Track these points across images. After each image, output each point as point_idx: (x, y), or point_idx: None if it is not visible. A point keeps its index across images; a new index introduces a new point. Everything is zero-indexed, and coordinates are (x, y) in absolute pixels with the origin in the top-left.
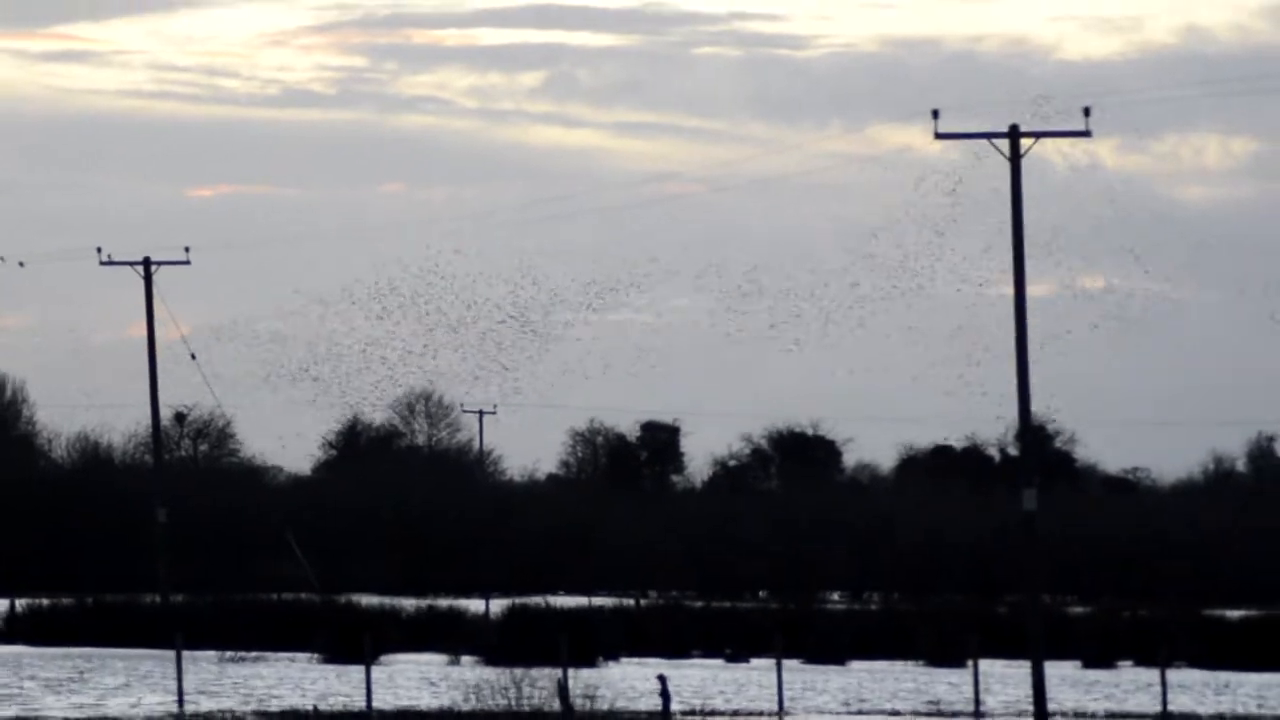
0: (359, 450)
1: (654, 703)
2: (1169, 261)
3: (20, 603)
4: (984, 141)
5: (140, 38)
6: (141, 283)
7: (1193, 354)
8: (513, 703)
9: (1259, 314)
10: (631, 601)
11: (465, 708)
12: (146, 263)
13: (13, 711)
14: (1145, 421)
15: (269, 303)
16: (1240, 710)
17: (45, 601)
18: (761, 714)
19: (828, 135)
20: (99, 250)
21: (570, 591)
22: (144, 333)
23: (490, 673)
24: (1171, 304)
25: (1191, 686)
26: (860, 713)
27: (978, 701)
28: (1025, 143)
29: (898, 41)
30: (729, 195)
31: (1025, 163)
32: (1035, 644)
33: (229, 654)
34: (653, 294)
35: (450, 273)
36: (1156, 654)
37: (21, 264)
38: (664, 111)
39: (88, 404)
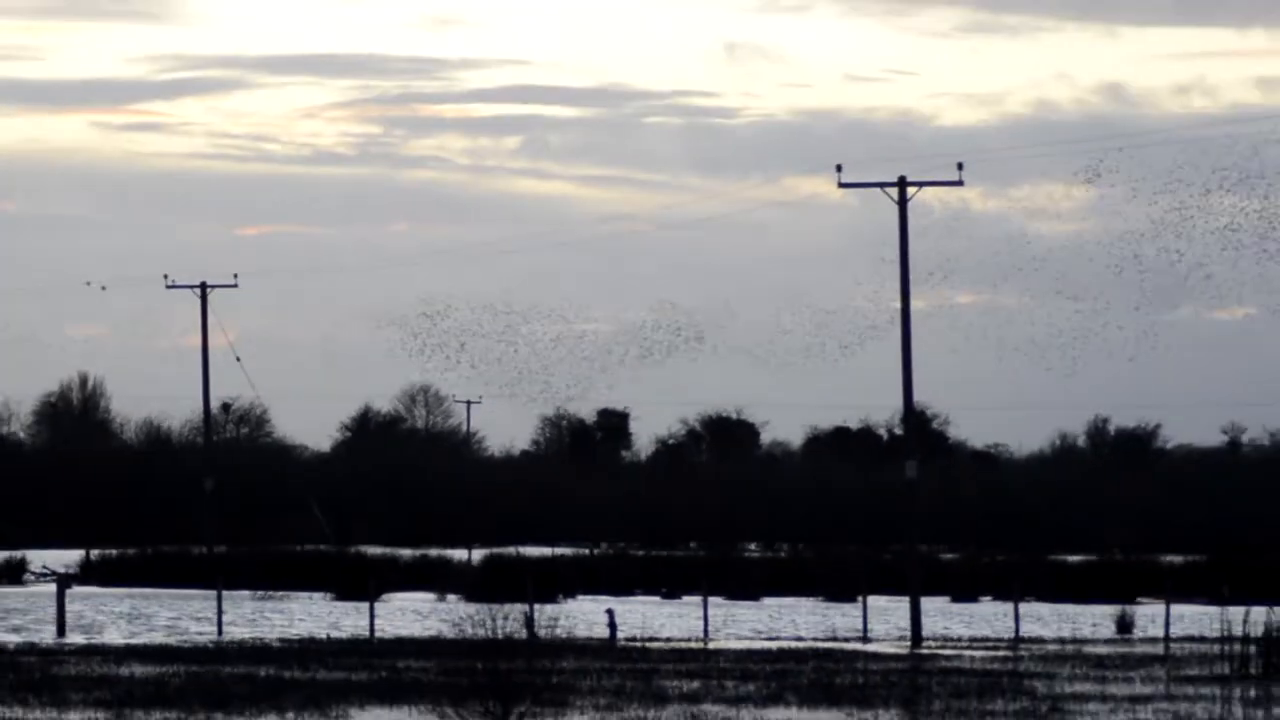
0: (370, 432)
1: (604, 632)
2: (1024, 280)
3: (94, 553)
4: (877, 189)
5: (201, 112)
6: (199, 302)
7: (1043, 352)
8: (489, 632)
9: (1096, 322)
10: (587, 551)
11: (450, 635)
12: (203, 286)
13: (86, 639)
14: (1005, 406)
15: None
16: (1079, 635)
17: (114, 552)
18: (690, 640)
19: (750, 185)
20: (165, 276)
21: (538, 544)
22: (199, 341)
23: (471, 608)
24: (1027, 313)
25: (1040, 617)
26: (771, 639)
27: (866, 629)
28: (911, 190)
29: (808, 112)
30: (673, 233)
31: (910, 205)
32: (913, 583)
33: (260, 593)
34: (615, 308)
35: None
36: (1011, 590)
37: (104, 287)
38: (619, 167)
39: (153, 396)
